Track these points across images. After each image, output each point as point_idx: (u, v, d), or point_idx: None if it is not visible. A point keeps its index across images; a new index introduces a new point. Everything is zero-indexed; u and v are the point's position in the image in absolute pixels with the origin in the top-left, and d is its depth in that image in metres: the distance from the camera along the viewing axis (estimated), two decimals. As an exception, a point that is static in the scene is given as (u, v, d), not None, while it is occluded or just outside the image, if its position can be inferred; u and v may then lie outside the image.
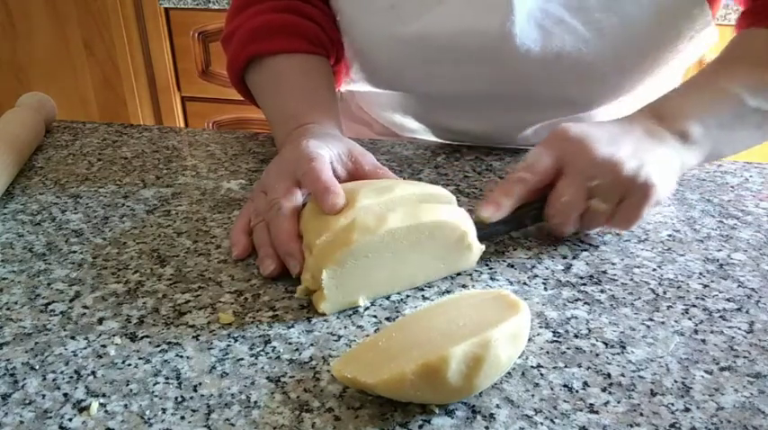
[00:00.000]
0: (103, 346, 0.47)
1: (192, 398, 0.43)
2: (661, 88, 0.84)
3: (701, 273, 0.55)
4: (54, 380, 0.44)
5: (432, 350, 0.40)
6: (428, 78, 0.77)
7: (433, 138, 0.87)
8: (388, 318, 0.50)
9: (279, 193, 0.56)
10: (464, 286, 0.54)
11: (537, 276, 0.55)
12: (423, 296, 0.52)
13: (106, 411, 0.42)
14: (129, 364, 0.45)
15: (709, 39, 0.74)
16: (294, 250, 0.53)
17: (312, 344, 0.47)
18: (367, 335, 0.48)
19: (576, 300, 0.52)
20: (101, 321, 0.50)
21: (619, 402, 0.42)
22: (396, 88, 0.81)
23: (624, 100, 0.77)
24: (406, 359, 0.40)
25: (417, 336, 0.43)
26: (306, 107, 0.70)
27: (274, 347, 0.47)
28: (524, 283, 0.54)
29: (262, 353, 0.46)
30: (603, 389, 0.43)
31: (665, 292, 0.53)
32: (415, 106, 0.84)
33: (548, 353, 0.46)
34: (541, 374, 0.44)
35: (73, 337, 0.48)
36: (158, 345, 0.47)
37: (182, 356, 0.46)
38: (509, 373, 0.44)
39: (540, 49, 0.70)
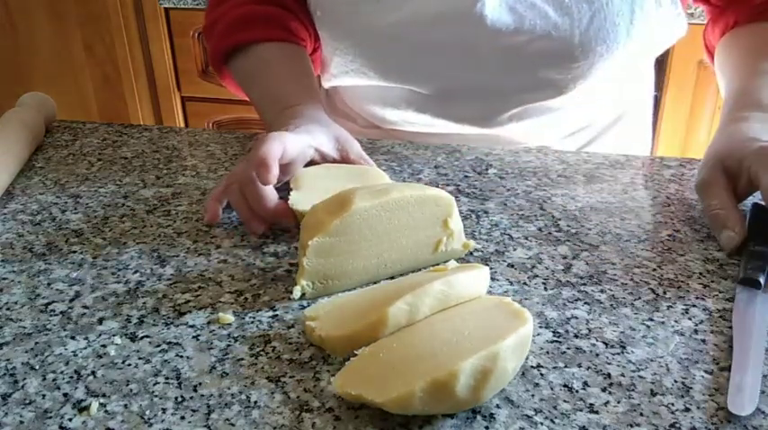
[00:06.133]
0: (103, 346, 0.47)
1: (191, 398, 0.43)
2: (635, 74, 0.87)
3: (700, 273, 0.55)
4: (54, 380, 0.44)
5: (439, 364, 0.39)
6: (410, 68, 0.79)
7: (414, 130, 0.88)
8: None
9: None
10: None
11: (537, 276, 0.55)
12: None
13: (106, 411, 0.42)
14: (129, 364, 0.45)
15: (679, 29, 0.78)
16: (280, 212, 0.58)
17: (312, 345, 0.47)
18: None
19: (576, 300, 0.52)
20: (101, 321, 0.50)
21: (619, 402, 0.42)
22: (380, 79, 0.83)
23: (601, 82, 0.79)
24: (412, 374, 0.39)
25: (421, 348, 0.42)
26: (291, 90, 0.74)
27: (274, 347, 0.47)
28: (524, 283, 0.54)
29: (262, 353, 0.46)
30: (603, 389, 0.43)
31: (665, 292, 0.53)
32: (396, 97, 0.85)
33: (548, 353, 0.46)
34: (541, 374, 0.44)
35: (73, 337, 0.48)
36: (158, 345, 0.47)
37: (182, 356, 0.46)
38: (509, 373, 0.44)
39: (512, 32, 0.72)
